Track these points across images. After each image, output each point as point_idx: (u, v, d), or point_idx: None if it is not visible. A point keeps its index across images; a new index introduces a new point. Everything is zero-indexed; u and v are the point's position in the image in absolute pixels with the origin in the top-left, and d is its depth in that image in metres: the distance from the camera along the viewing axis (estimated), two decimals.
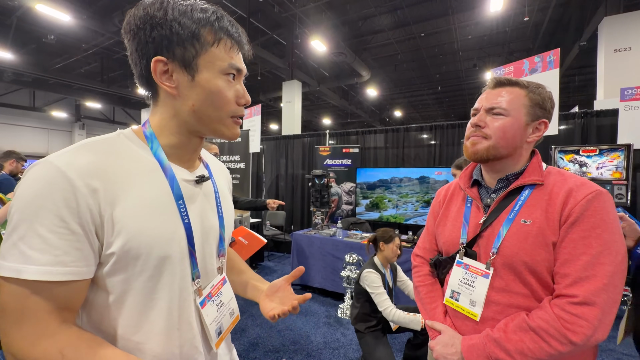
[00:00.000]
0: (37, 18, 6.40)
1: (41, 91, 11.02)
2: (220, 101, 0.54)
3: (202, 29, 0.52)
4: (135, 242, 0.48)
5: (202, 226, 0.60)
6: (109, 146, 0.51)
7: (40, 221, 0.43)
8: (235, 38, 0.55)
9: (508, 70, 3.00)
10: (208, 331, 0.60)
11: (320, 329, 2.80)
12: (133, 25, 0.50)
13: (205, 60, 0.52)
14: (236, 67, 0.55)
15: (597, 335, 0.62)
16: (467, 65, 9.44)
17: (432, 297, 0.90)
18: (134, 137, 0.55)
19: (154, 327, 0.52)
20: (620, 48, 4.85)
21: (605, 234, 0.65)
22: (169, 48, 0.51)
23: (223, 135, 0.58)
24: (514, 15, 6.69)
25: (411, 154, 4.81)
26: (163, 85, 0.52)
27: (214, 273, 0.64)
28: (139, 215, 0.49)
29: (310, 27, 7.14)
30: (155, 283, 0.52)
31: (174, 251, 0.53)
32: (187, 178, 0.59)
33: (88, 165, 0.46)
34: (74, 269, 0.45)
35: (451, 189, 0.97)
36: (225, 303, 0.66)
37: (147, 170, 0.53)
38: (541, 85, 0.79)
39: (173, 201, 0.54)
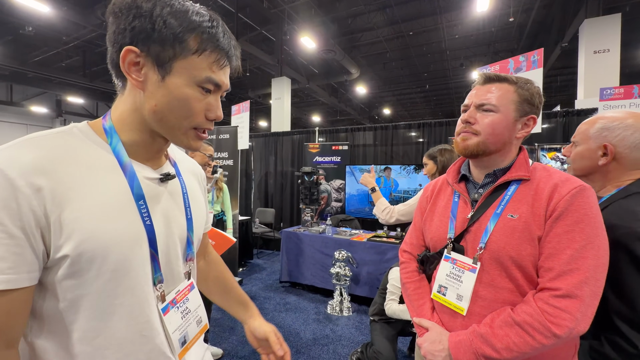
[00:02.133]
0: (14, 8, 6.12)
1: (19, 85, 10.57)
2: (185, 111, 0.51)
3: (188, 33, 0.48)
4: (89, 244, 0.45)
5: (167, 228, 0.56)
6: (59, 140, 0.47)
7: None
8: (224, 50, 0.51)
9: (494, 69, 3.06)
10: (170, 340, 0.56)
11: (309, 325, 2.81)
12: (117, 8, 0.48)
13: (181, 66, 0.49)
14: (214, 82, 0.51)
15: (579, 327, 0.63)
16: (454, 64, 9.59)
17: (420, 293, 0.89)
18: (89, 131, 0.51)
19: (116, 333, 0.49)
20: (600, 50, 5.02)
21: (588, 228, 0.66)
22: (145, 42, 0.47)
23: (180, 144, 0.55)
24: (500, 16, 6.82)
25: (399, 152, 4.86)
26: (129, 76, 0.49)
27: (180, 278, 0.60)
28: (93, 216, 0.46)
29: (300, 23, 7.09)
30: (114, 287, 0.48)
31: (134, 254, 0.50)
32: (149, 176, 0.55)
33: (32, 162, 0.43)
34: (11, 276, 0.41)
35: (439, 184, 0.97)
36: (192, 310, 0.62)
37: (104, 167, 0.49)
38: (530, 80, 0.80)
39: (132, 201, 0.51)
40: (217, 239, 2.11)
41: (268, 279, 4.02)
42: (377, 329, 2.06)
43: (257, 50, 7.42)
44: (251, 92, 11.22)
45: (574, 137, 0.97)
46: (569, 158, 0.99)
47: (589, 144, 0.91)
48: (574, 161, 0.96)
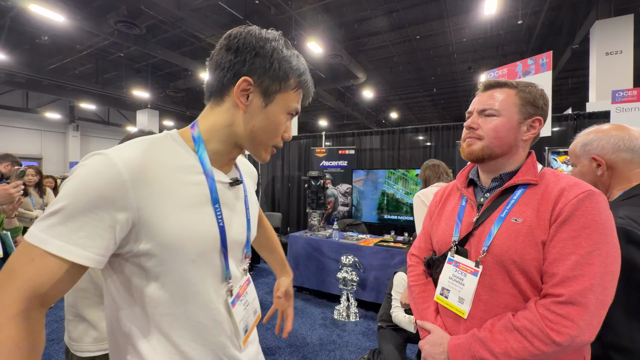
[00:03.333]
0: (30, 19, 6.34)
1: (35, 92, 10.88)
2: (275, 132, 0.63)
3: (291, 74, 0.61)
4: (174, 238, 0.52)
5: (233, 229, 0.64)
6: (157, 146, 0.56)
7: (79, 203, 0.46)
8: (308, 90, 0.66)
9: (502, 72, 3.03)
10: (237, 329, 0.64)
11: (316, 330, 2.80)
12: (241, 44, 0.57)
13: (282, 98, 0.61)
14: (297, 111, 0.65)
15: (582, 336, 0.61)
16: (462, 68, 9.52)
17: (424, 297, 0.90)
18: (179, 139, 0.60)
19: (192, 317, 0.57)
20: (612, 51, 4.93)
21: (595, 234, 0.64)
22: (261, 76, 0.58)
23: (259, 157, 0.66)
24: (508, 19, 6.76)
25: (407, 156, 4.84)
26: (238, 99, 0.58)
27: (241, 274, 0.68)
28: (179, 213, 0.53)
29: (307, 29, 7.15)
30: (192, 277, 0.56)
31: (209, 250, 0.58)
32: (222, 180, 0.63)
33: (136, 161, 0.51)
34: (88, 253, 0.47)
35: (448, 189, 0.98)
36: (250, 302, 0.70)
37: (190, 172, 0.57)
38: (531, 83, 0.81)
39: (210, 204, 0.59)
40: None
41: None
42: (386, 336, 2.04)
43: None
44: None
45: (570, 161, 1.04)
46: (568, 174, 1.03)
47: (582, 162, 0.99)
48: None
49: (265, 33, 0.60)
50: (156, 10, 6.15)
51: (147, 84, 10.12)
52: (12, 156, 3.09)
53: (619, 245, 0.66)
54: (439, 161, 2.28)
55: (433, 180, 2.14)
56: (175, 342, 0.56)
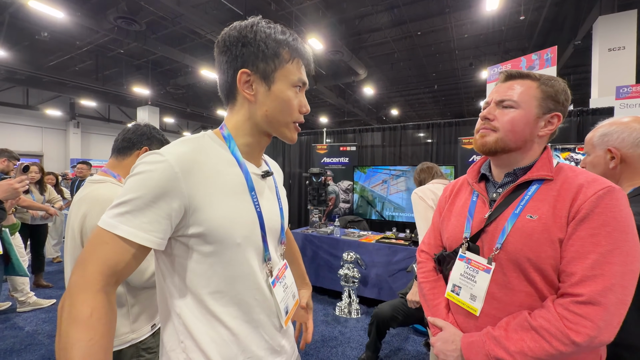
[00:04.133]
0: (30, 15, 6.31)
1: (35, 89, 10.86)
2: (288, 109, 0.65)
3: (281, 48, 0.62)
4: (220, 222, 0.58)
5: (270, 215, 0.68)
6: (199, 143, 0.62)
7: (141, 192, 0.53)
8: (305, 57, 0.66)
9: (505, 67, 3.01)
10: (278, 309, 0.68)
11: (317, 327, 2.80)
12: (227, 42, 0.62)
13: (281, 74, 0.63)
14: (303, 81, 0.66)
15: (602, 337, 0.59)
16: (463, 64, 9.47)
17: (435, 293, 0.88)
18: (215, 137, 0.66)
19: (238, 295, 0.62)
20: (615, 47, 4.89)
21: (615, 232, 0.62)
22: (254, 63, 0.61)
23: (285, 138, 0.68)
24: (510, 14, 6.72)
25: (408, 152, 4.82)
26: (244, 93, 0.63)
27: (278, 259, 0.72)
28: (223, 200, 0.59)
29: (307, 25, 7.11)
30: (237, 258, 0.60)
31: (251, 234, 0.62)
32: (255, 172, 0.68)
33: (185, 155, 0.57)
34: (150, 236, 0.54)
35: (458, 184, 0.95)
36: (289, 286, 0.74)
37: (227, 164, 0.63)
38: (554, 77, 0.77)
39: (248, 192, 0.64)
40: None
41: None
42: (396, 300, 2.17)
43: None
44: None
45: (585, 149, 1.03)
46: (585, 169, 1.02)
47: (596, 152, 0.98)
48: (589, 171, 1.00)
49: (244, 23, 0.62)
50: (156, 7, 6.11)
51: (147, 81, 10.08)
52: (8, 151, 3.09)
53: (638, 244, 0.64)
54: (432, 164, 2.30)
55: (428, 180, 2.16)
56: (223, 319, 0.60)
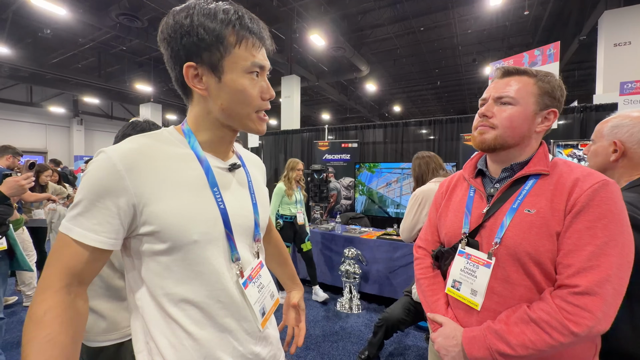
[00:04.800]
0: (32, 12, 6.32)
1: (38, 86, 10.90)
2: (246, 99, 0.58)
3: (224, 31, 0.55)
4: (174, 219, 0.54)
5: (238, 211, 0.64)
6: (151, 139, 0.58)
7: (90, 194, 0.52)
8: (256, 35, 0.58)
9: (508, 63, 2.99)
10: (253, 311, 0.64)
11: (319, 322, 2.82)
12: (166, 34, 0.56)
13: (230, 62, 0.56)
14: (259, 65, 0.59)
15: (599, 326, 0.61)
16: (466, 60, 9.40)
17: (434, 289, 0.89)
18: (174, 132, 0.62)
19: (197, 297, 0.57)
20: (620, 42, 4.83)
21: (611, 224, 0.63)
22: (197, 53, 0.55)
23: (250, 130, 0.63)
24: (514, 9, 6.64)
25: (410, 149, 4.81)
26: (195, 88, 0.58)
27: (251, 256, 0.68)
28: (177, 198, 0.55)
29: (309, 21, 7.08)
30: (195, 257, 0.57)
31: (211, 231, 0.58)
32: (220, 166, 0.64)
33: (129, 151, 0.54)
34: (102, 238, 0.52)
35: (454, 180, 0.96)
36: (265, 285, 0.70)
37: (185, 160, 0.59)
38: (550, 73, 0.78)
39: (208, 188, 0.60)
40: None
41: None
42: (402, 300, 2.16)
43: None
44: None
45: (592, 136, 1.02)
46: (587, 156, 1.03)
47: (602, 142, 0.97)
48: (589, 159, 1.02)
49: (179, 7, 0.56)
50: (158, 3, 6.10)
51: (149, 78, 10.09)
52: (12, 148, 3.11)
53: (632, 235, 0.65)
54: (431, 152, 2.10)
55: (428, 175, 2.02)
56: (182, 323, 0.57)
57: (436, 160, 2.05)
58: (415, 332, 2.67)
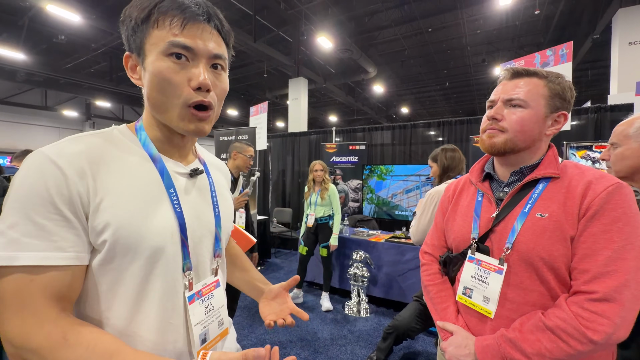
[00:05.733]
0: (47, 19, 6.50)
1: (52, 91, 11.19)
2: (166, 85, 0.49)
3: (144, 13, 0.49)
4: (125, 231, 0.47)
5: (197, 221, 0.58)
6: (100, 138, 0.52)
7: (34, 209, 0.43)
8: (179, 9, 0.48)
9: (519, 64, 2.94)
10: (192, 333, 0.55)
11: (327, 325, 2.81)
12: (121, 22, 0.53)
13: (149, 43, 0.49)
14: (180, 45, 0.48)
15: (618, 333, 0.59)
16: (475, 61, 9.28)
17: (443, 296, 0.87)
18: (126, 131, 0.56)
19: (147, 318, 0.51)
20: (636, 41, 4.71)
21: (627, 227, 0.62)
22: (128, 41, 0.51)
23: (181, 129, 0.52)
24: (524, 9, 6.54)
25: (418, 151, 4.77)
26: (132, 78, 0.53)
27: (207, 272, 0.60)
28: (128, 203, 0.49)
29: (316, 23, 7.10)
30: (147, 273, 0.50)
31: (166, 240, 0.52)
32: (179, 171, 0.58)
33: (78, 155, 0.47)
34: (72, 253, 0.45)
35: (460, 183, 0.94)
36: (216, 308, 0.61)
37: (137, 160, 0.53)
38: (561, 74, 0.76)
39: (164, 190, 0.53)
40: (238, 237, 2.08)
41: (286, 278, 4.05)
42: (412, 305, 2.11)
43: (274, 51, 7.50)
44: (269, 93, 11.35)
45: (612, 140, 0.99)
46: (608, 162, 1.00)
47: (630, 144, 0.93)
48: (615, 163, 0.97)
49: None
50: None
51: None
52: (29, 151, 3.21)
53: None
54: (456, 147, 1.94)
55: (452, 175, 1.89)
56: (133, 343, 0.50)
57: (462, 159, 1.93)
58: (424, 337, 2.63)
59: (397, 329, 2.02)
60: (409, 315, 2.02)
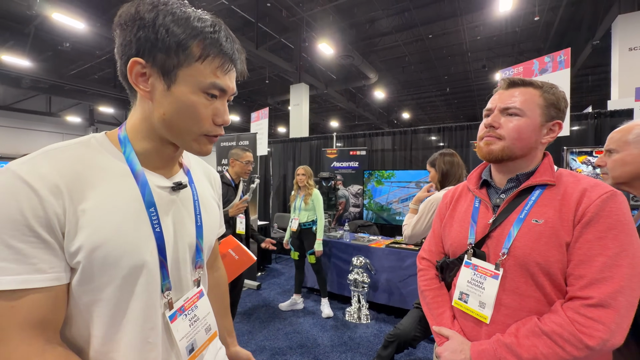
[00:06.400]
0: (53, 26, 6.61)
1: (57, 97, 11.34)
2: (192, 117, 0.51)
3: (191, 40, 0.49)
4: (101, 252, 0.46)
5: (177, 235, 0.57)
6: (76, 151, 0.50)
7: (10, 233, 0.41)
8: (228, 55, 0.52)
9: (517, 70, 2.95)
10: (177, 348, 0.56)
11: (327, 332, 2.79)
12: (122, 21, 0.49)
13: (186, 74, 0.50)
14: (219, 88, 0.52)
15: (613, 340, 0.60)
16: (476, 66, 9.33)
17: (439, 302, 0.87)
18: (106, 141, 0.53)
19: (124, 338, 0.50)
20: (636, 46, 4.73)
21: (621, 235, 0.63)
22: (151, 52, 0.48)
23: (191, 150, 0.55)
24: (524, 15, 6.59)
25: (419, 156, 4.77)
26: (137, 87, 0.51)
27: (189, 285, 0.60)
28: (106, 223, 0.47)
29: (318, 30, 7.18)
30: (124, 293, 0.49)
31: (143, 261, 0.51)
32: (161, 184, 0.56)
33: (52, 172, 0.45)
34: (53, 274, 0.44)
35: (458, 190, 0.95)
36: (201, 318, 0.61)
37: (117, 176, 0.51)
38: (555, 85, 0.79)
39: (144, 209, 0.52)
40: (240, 253, 2.05)
41: (286, 283, 4.04)
42: (412, 313, 2.07)
43: (276, 58, 7.58)
44: (270, 99, 11.43)
45: (609, 146, 0.98)
46: (604, 167, 0.99)
47: (630, 150, 0.93)
48: (613, 169, 0.97)
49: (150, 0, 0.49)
50: None
51: None
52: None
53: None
54: (454, 152, 1.92)
55: (452, 180, 1.88)
56: None
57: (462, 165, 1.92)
58: (425, 344, 2.61)
59: (399, 337, 2.00)
60: (410, 323, 1.99)
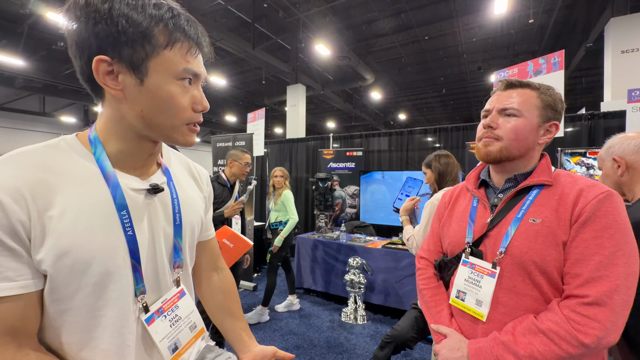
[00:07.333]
0: (47, 26, 6.55)
1: (51, 97, 11.22)
2: (174, 109, 0.50)
3: (154, 28, 0.46)
4: (69, 259, 0.45)
5: (152, 237, 0.55)
6: (44, 155, 0.48)
7: None
8: (193, 39, 0.50)
9: (512, 72, 2.98)
10: (158, 349, 0.56)
11: (323, 333, 2.78)
12: (73, 15, 0.45)
13: (157, 64, 0.47)
14: (193, 72, 0.50)
15: (608, 337, 0.61)
16: (471, 68, 9.41)
17: (437, 300, 0.88)
18: (76, 143, 0.51)
19: (100, 344, 0.49)
20: (628, 49, 4.80)
21: (617, 234, 0.64)
22: (115, 47, 0.45)
23: (176, 142, 0.53)
24: (519, 17, 6.66)
25: (415, 157, 4.79)
26: (107, 87, 0.47)
27: (168, 286, 0.59)
28: (73, 229, 0.46)
29: (314, 31, 7.19)
30: (95, 300, 0.48)
31: (114, 266, 0.49)
32: (136, 187, 0.54)
33: (15, 179, 0.43)
34: (21, 282, 0.43)
35: (457, 190, 0.97)
36: (183, 317, 0.61)
37: (86, 178, 0.49)
38: (551, 87, 0.80)
39: (115, 212, 0.50)
40: (235, 241, 2.09)
41: (282, 284, 4.02)
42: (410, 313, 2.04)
43: (272, 58, 7.57)
44: (267, 100, 11.42)
45: (598, 165, 1.14)
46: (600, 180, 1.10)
47: (605, 164, 1.07)
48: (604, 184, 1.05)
49: None
50: None
51: None
52: None
53: (637, 246, 0.66)
54: (449, 153, 1.92)
55: (448, 180, 1.88)
56: None
57: (457, 166, 1.92)
58: (422, 344, 2.61)
59: (397, 339, 1.99)
60: (407, 324, 1.98)
